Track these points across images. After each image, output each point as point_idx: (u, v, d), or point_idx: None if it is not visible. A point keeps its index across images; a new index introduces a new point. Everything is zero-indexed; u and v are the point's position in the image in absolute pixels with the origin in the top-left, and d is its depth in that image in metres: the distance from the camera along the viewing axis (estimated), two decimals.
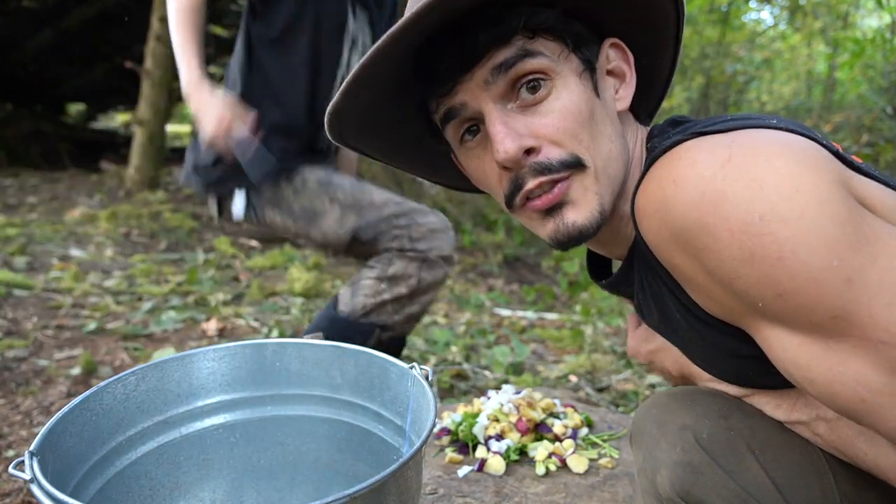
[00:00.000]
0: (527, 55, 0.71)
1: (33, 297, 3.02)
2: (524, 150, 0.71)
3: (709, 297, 0.69)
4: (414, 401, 0.95)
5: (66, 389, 2.06)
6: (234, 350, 1.08)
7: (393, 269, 1.61)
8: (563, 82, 0.73)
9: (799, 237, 0.57)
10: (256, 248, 4.61)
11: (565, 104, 0.72)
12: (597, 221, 0.74)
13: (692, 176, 0.63)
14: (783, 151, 0.61)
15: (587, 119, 0.73)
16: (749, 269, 0.60)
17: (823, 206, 0.57)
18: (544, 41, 0.72)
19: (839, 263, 0.57)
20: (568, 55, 0.74)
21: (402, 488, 0.75)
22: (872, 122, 4.88)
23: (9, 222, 4.51)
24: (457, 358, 2.55)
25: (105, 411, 0.92)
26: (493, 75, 0.71)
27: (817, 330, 0.60)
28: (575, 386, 2.26)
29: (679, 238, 0.65)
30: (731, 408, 0.82)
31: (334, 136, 0.81)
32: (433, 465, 1.34)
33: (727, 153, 0.62)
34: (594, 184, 0.74)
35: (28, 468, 0.71)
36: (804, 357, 0.62)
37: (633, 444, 0.90)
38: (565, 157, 0.72)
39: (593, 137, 0.74)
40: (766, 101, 8.67)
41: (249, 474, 1.09)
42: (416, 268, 1.61)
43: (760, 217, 0.58)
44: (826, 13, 8.11)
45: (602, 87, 0.78)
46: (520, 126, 0.72)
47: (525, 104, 0.73)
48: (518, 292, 3.90)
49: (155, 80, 5.81)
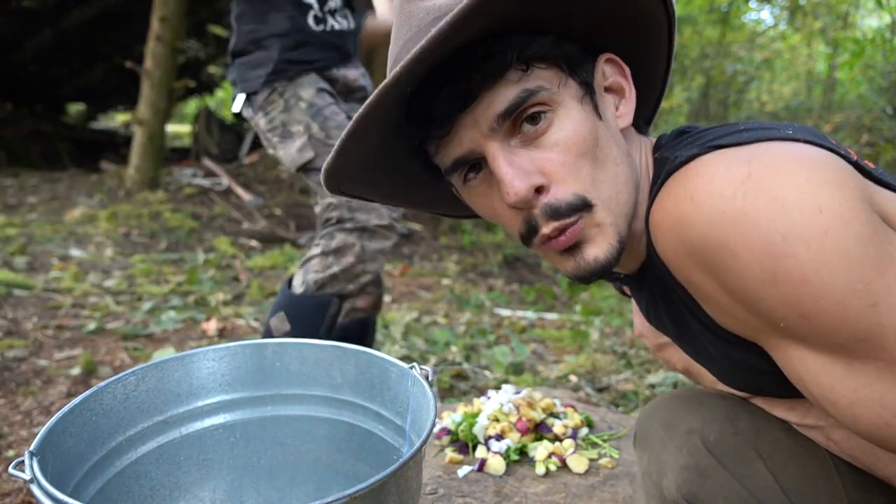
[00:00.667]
0: (528, 96, 0.68)
1: (33, 297, 3.02)
2: (534, 189, 0.69)
3: (727, 314, 0.67)
4: (414, 401, 0.95)
5: (66, 389, 2.07)
6: (234, 350, 1.08)
7: (335, 243, 1.71)
8: (564, 112, 0.70)
9: (822, 259, 0.56)
10: (256, 248, 4.61)
11: (568, 135, 0.69)
12: (617, 251, 0.72)
13: (711, 193, 0.61)
14: (804, 167, 0.59)
15: (592, 147, 0.70)
16: (772, 290, 0.58)
17: (847, 226, 0.56)
18: (540, 71, 0.69)
19: (864, 287, 0.55)
20: (566, 81, 0.71)
21: (402, 488, 0.75)
22: (872, 122, 4.89)
23: (9, 222, 4.51)
24: (457, 358, 2.55)
25: (105, 411, 0.92)
26: (499, 122, 0.68)
27: (841, 351, 0.59)
28: (575, 386, 2.26)
29: (697, 257, 0.63)
30: (738, 411, 0.81)
31: (331, 190, 0.80)
32: (433, 465, 1.34)
33: (746, 170, 0.60)
34: (606, 216, 0.71)
35: (28, 468, 0.71)
36: (826, 378, 0.61)
37: (638, 446, 0.89)
38: (571, 201, 0.69)
39: (598, 166, 0.70)
40: (766, 101, 8.67)
41: (249, 474, 1.09)
42: (357, 237, 1.71)
43: (783, 237, 0.57)
44: (826, 13, 8.11)
45: (602, 108, 0.74)
46: (525, 163, 0.69)
47: (527, 138, 0.70)
48: (518, 292, 3.90)
49: (155, 80, 5.81)
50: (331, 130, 1.75)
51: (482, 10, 0.60)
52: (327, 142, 1.74)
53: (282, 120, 1.77)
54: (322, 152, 1.73)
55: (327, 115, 1.76)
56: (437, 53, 0.62)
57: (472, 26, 0.63)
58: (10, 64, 7.92)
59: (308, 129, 1.76)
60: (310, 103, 1.78)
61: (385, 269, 4.27)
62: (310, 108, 1.77)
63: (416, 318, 3.10)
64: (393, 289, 3.76)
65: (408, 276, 4.09)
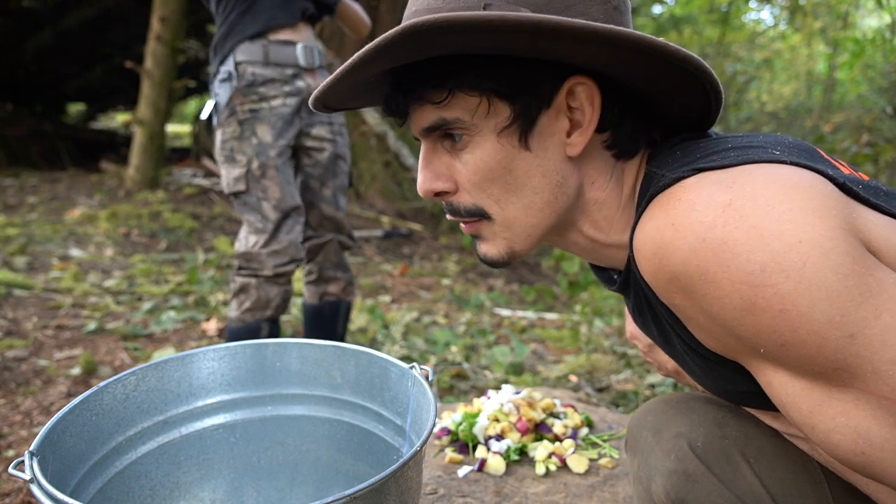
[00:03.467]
0: (443, 124, 0.73)
1: (33, 297, 3.02)
2: (434, 193, 0.77)
3: (710, 336, 0.68)
4: (414, 401, 0.95)
5: (66, 389, 2.06)
6: (234, 350, 1.08)
7: (235, 286, 1.92)
8: (478, 139, 0.74)
9: (800, 290, 0.56)
10: None
11: (476, 161, 0.74)
12: (505, 259, 0.80)
13: (692, 221, 0.61)
14: (786, 195, 0.59)
15: (499, 175, 0.74)
16: (751, 318, 0.59)
17: (826, 258, 0.56)
18: (463, 97, 0.72)
19: (841, 319, 0.56)
20: (488, 110, 0.72)
21: (402, 488, 0.75)
22: (872, 122, 4.88)
23: (9, 222, 4.51)
24: (457, 358, 2.55)
25: (105, 411, 0.92)
26: (423, 134, 0.76)
27: (820, 378, 0.59)
28: (575, 386, 2.26)
29: (678, 283, 0.64)
30: (725, 415, 0.82)
31: (318, 108, 0.83)
32: (433, 465, 1.34)
33: (728, 197, 0.60)
34: (503, 231, 0.78)
35: (28, 468, 0.71)
36: (806, 403, 0.61)
37: (629, 452, 0.90)
38: (470, 207, 0.77)
39: (507, 191, 0.75)
40: (766, 101, 8.67)
41: (249, 474, 1.10)
42: (256, 284, 1.90)
43: (762, 268, 0.57)
44: (826, 13, 8.11)
45: (542, 135, 0.73)
46: (441, 167, 0.77)
47: (451, 148, 0.76)
48: (518, 292, 3.90)
49: (155, 80, 5.81)
50: (267, 170, 1.88)
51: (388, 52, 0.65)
52: (260, 180, 1.88)
53: (231, 145, 1.89)
54: (253, 189, 1.88)
55: (270, 163, 1.88)
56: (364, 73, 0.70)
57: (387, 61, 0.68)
58: (10, 64, 7.92)
59: (249, 163, 1.88)
60: (261, 142, 1.88)
61: (385, 268, 4.27)
62: (259, 146, 1.88)
63: (416, 318, 3.10)
64: (393, 289, 3.76)
65: (408, 276, 4.09)
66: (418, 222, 5.57)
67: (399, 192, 6.06)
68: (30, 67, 8.23)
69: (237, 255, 1.91)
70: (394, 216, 5.60)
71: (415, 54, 0.67)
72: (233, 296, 1.92)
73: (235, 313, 1.91)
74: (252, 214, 1.89)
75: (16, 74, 8.26)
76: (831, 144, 4.38)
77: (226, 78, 1.90)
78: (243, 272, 1.91)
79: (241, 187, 1.88)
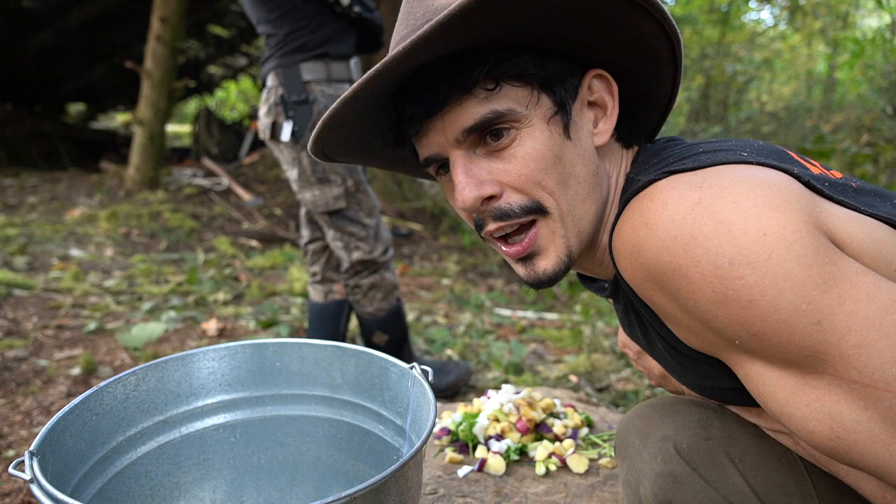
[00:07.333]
0: (496, 117, 0.71)
1: (33, 297, 3.02)
2: (483, 199, 0.75)
3: (689, 331, 0.71)
4: (414, 401, 0.95)
5: (66, 389, 2.06)
6: (234, 350, 1.08)
7: (365, 286, 2.15)
8: (528, 130, 0.73)
9: (767, 281, 0.59)
10: (256, 248, 4.61)
11: (528, 151, 0.73)
12: (565, 264, 0.78)
13: (663, 219, 0.65)
14: (751, 192, 0.62)
15: (552, 164, 0.74)
16: (723, 310, 0.62)
17: (790, 249, 0.59)
18: (511, 88, 0.72)
19: (807, 307, 0.58)
20: (538, 99, 0.73)
21: (402, 488, 0.75)
22: (872, 122, 4.89)
23: (9, 222, 4.51)
24: (456, 358, 2.55)
25: (105, 411, 0.92)
26: (464, 135, 0.73)
27: (793, 366, 0.62)
28: (575, 386, 2.26)
29: (654, 279, 0.67)
30: (710, 417, 0.83)
31: (317, 156, 0.84)
32: (433, 465, 1.34)
33: (697, 195, 0.64)
34: (560, 227, 0.76)
35: (28, 468, 0.71)
36: (782, 392, 0.63)
37: (618, 456, 0.91)
38: (525, 203, 0.75)
39: (559, 181, 0.74)
40: (766, 101, 8.67)
41: (249, 474, 1.10)
42: (381, 277, 2.15)
43: (729, 261, 0.60)
44: (826, 13, 8.11)
45: (577, 126, 0.77)
46: (482, 173, 0.74)
47: (490, 150, 0.74)
48: (518, 292, 3.90)
49: (155, 80, 5.82)
50: (360, 185, 2.05)
51: (448, 33, 0.63)
52: (356, 195, 2.05)
53: (324, 166, 2.01)
54: (352, 204, 2.05)
55: (359, 173, 2.07)
56: (408, 64, 0.66)
57: (440, 47, 0.65)
58: (10, 64, 7.92)
59: (345, 181, 2.03)
60: None
61: None
62: (346, 166, 1.97)
63: (416, 318, 3.10)
64: None
65: (408, 276, 4.09)
66: (418, 222, 5.57)
67: (399, 192, 6.06)
68: (30, 67, 8.23)
69: (355, 263, 2.10)
70: (394, 216, 5.60)
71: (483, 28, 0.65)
72: (363, 295, 2.15)
73: (375, 305, 2.15)
74: (353, 226, 2.08)
75: (16, 74, 8.26)
76: (831, 144, 4.38)
77: (302, 100, 1.97)
78: (366, 273, 2.13)
79: (342, 205, 2.03)
